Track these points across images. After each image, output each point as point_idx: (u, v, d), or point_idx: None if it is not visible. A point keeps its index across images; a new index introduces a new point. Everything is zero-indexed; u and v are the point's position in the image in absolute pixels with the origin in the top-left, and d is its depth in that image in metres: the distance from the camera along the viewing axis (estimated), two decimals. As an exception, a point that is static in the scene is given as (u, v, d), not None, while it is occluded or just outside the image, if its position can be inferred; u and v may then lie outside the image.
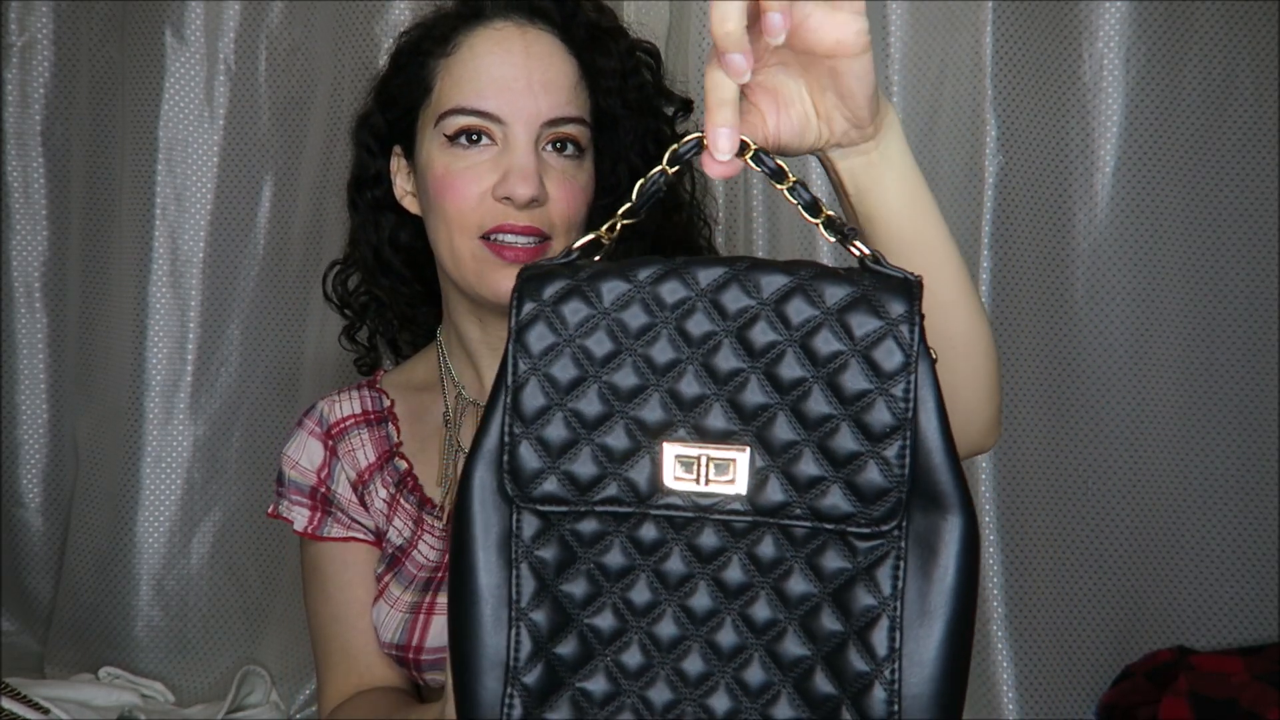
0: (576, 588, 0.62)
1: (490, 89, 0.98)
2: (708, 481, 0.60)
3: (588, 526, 0.62)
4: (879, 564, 0.60)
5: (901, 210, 0.77)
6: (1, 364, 1.59)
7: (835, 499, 0.59)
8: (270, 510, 1.12)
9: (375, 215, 1.11)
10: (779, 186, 0.66)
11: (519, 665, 0.62)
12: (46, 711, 1.36)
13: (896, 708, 0.58)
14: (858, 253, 0.63)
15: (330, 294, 1.16)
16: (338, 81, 1.46)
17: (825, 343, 0.60)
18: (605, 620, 0.61)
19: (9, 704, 1.33)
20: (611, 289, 0.62)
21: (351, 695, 1.03)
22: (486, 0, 1.02)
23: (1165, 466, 1.36)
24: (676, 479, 0.60)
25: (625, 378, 0.61)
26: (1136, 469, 1.36)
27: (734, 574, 0.61)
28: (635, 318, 0.62)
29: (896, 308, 0.59)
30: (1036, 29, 1.33)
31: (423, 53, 1.03)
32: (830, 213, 0.65)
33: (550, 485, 0.61)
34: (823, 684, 0.60)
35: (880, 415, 0.59)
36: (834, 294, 0.60)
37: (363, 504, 1.09)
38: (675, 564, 0.61)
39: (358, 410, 1.11)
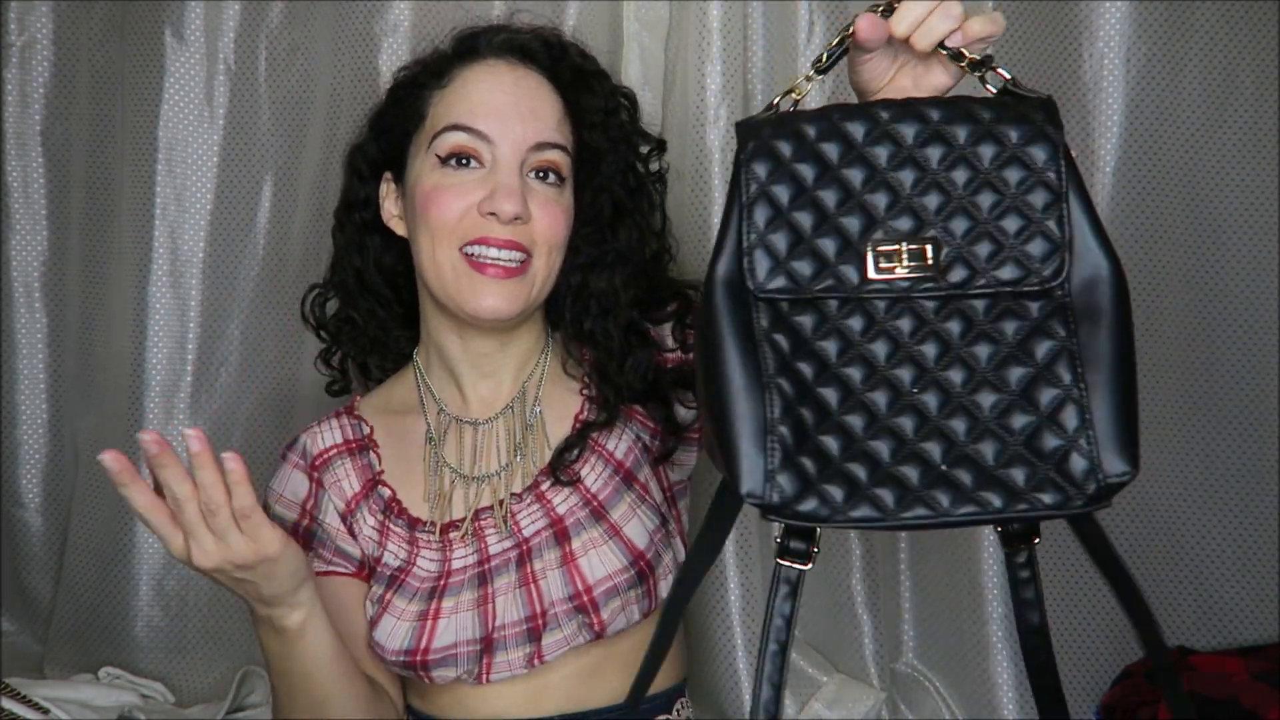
0: (807, 367, 0.75)
1: (480, 109, 1.05)
2: (905, 267, 0.74)
3: (809, 319, 0.75)
4: (1053, 316, 0.74)
5: None
6: (1, 364, 1.59)
7: (1010, 268, 0.74)
8: None
9: (361, 237, 1.17)
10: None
11: (775, 419, 0.74)
12: (46, 711, 1.36)
13: (1086, 418, 0.73)
14: (1002, 79, 0.79)
15: (308, 316, 1.20)
16: (338, 81, 1.46)
17: (987, 148, 0.75)
18: (832, 392, 0.75)
19: (9, 704, 1.33)
20: (811, 126, 0.76)
21: None
22: (480, 41, 1.10)
23: (1165, 466, 1.36)
24: (880, 269, 0.75)
25: (832, 195, 0.75)
26: (1136, 469, 1.36)
27: (930, 349, 0.75)
28: (834, 149, 0.76)
29: (1039, 115, 0.76)
30: (1036, 29, 1.33)
31: (418, 85, 1.11)
32: (973, 57, 0.81)
33: (780, 280, 0.75)
34: (1020, 418, 0.74)
35: (1039, 196, 0.74)
36: (987, 111, 0.76)
37: (351, 533, 1.13)
38: (880, 345, 0.75)
39: (339, 440, 1.15)
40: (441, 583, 1.07)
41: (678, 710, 1.15)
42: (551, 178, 1.07)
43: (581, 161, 1.10)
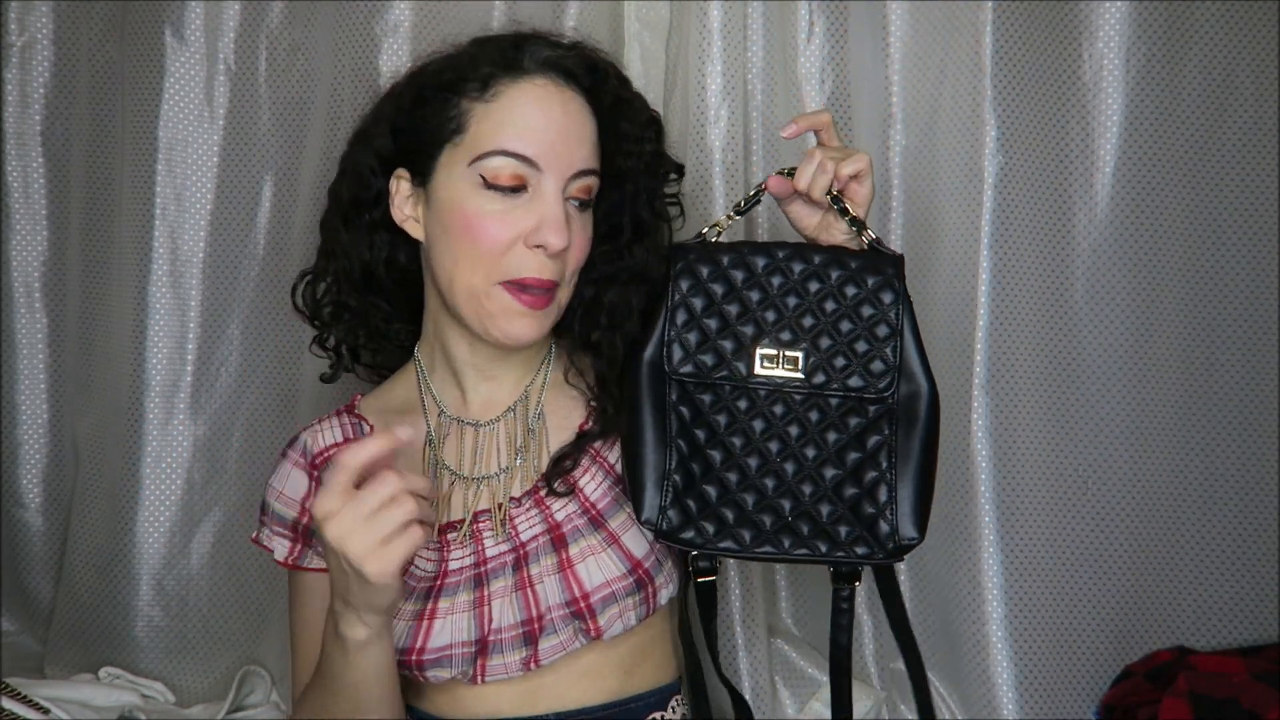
0: (702, 432, 1.03)
1: (531, 136, 1.04)
2: (782, 368, 1.02)
3: (708, 397, 1.03)
4: (882, 418, 1.02)
5: None
6: (1, 364, 1.59)
7: (856, 379, 1.01)
8: (253, 536, 1.17)
9: (370, 234, 1.14)
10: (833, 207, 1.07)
11: (670, 469, 1.02)
12: (46, 711, 1.36)
13: (893, 495, 1.02)
14: (869, 237, 1.05)
15: (300, 305, 1.18)
16: (338, 81, 1.46)
17: (850, 289, 1.03)
18: (717, 453, 1.02)
19: (9, 704, 1.33)
20: (725, 256, 1.04)
21: None
22: (525, 55, 1.07)
23: (1165, 466, 1.36)
24: (763, 367, 1.02)
25: (734, 309, 1.03)
26: (1136, 469, 1.36)
27: (793, 429, 1.02)
28: (740, 274, 1.03)
29: (890, 270, 1.03)
30: (1036, 29, 1.33)
31: (455, 91, 1.06)
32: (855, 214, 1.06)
33: (688, 367, 1.03)
34: (849, 490, 1.01)
35: (882, 329, 1.02)
36: (855, 261, 1.03)
37: None
38: (758, 423, 1.02)
39: (339, 439, 1.16)
40: (438, 583, 1.08)
41: (673, 707, 1.15)
42: (584, 203, 1.08)
43: (608, 183, 1.12)
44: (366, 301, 1.16)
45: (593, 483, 1.10)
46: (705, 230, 1.07)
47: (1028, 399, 1.36)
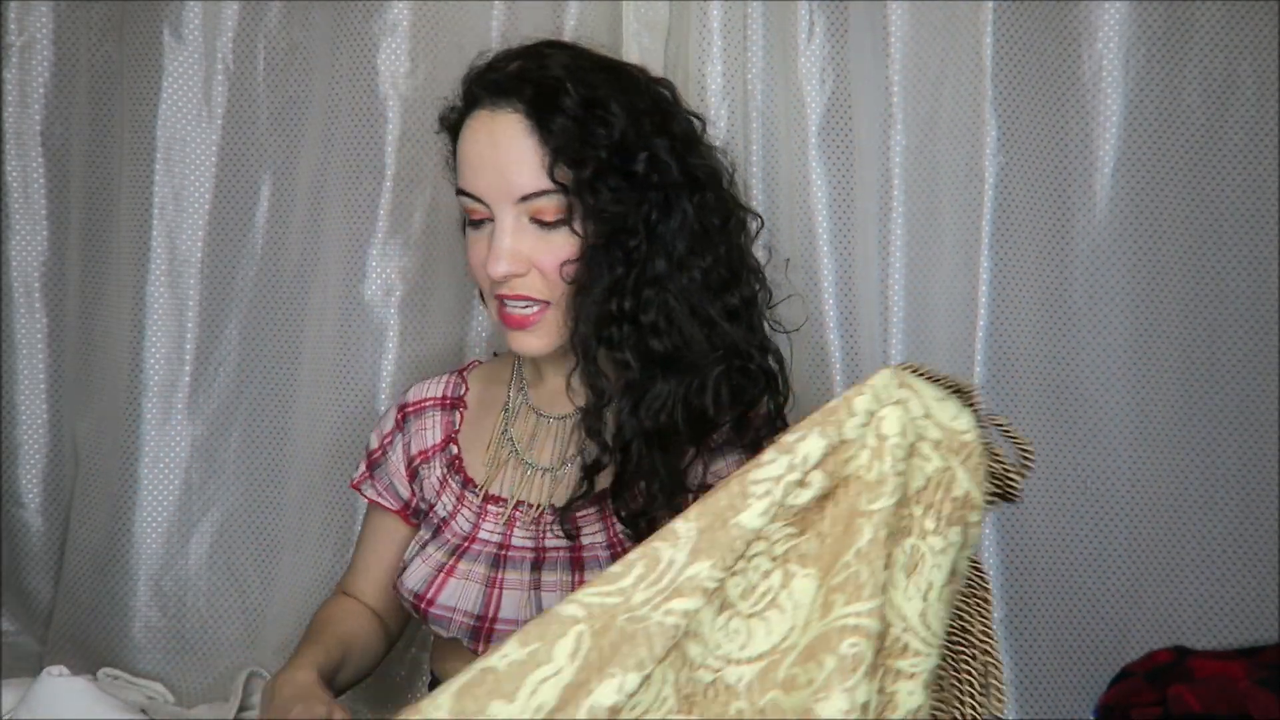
0: None
1: (470, 173, 1.08)
2: None
3: None
4: None
5: None
6: (1, 364, 1.59)
7: None
8: None
9: None
10: None
11: None
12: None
13: None
14: None
15: None
16: (336, 81, 1.46)
17: None
18: None
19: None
20: None
21: (350, 594, 1.27)
22: (472, 84, 1.10)
23: (1165, 466, 1.36)
24: None
25: None
26: (1136, 469, 1.36)
27: None
28: None
29: None
30: (1036, 29, 1.33)
31: (452, 133, 1.14)
32: None
33: None
34: None
35: None
36: None
37: (412, 476, 1.21)
38: None
39: (438, 395, 1.24)
40: (465, 544, 1.13)
41: None
42: (544, 223, 1.06)
43: (586, 187, 1.04)
44: None
45: (604, 536, 1.11)
46: None
47: (1028, 399, 1.36)
